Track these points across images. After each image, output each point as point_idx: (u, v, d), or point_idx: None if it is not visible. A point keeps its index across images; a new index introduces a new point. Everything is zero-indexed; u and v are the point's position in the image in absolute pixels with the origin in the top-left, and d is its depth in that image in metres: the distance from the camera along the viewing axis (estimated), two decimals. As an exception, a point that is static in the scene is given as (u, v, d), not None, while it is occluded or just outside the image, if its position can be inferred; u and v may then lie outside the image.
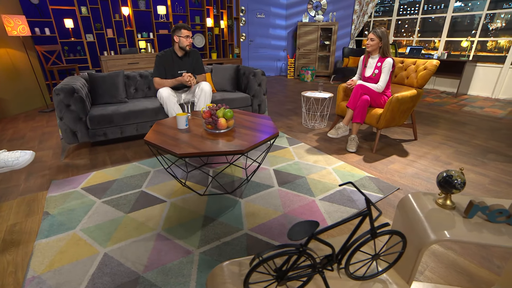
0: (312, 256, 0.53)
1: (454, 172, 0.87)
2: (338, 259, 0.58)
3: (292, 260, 0.55)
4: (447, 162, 2.37)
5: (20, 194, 1.95)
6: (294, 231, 0.51)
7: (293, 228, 0.52)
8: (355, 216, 0.57)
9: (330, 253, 0.59)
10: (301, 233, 0.51)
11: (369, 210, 0.57)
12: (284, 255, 0.50)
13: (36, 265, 1.32)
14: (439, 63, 2.51)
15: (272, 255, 0.49)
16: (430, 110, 4.07)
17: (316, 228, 0.54)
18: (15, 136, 3.09)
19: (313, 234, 0.53)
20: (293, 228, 0.52)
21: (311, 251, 0.53)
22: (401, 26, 6.41)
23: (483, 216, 0.86)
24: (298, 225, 0.53)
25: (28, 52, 4.06)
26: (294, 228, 0.52)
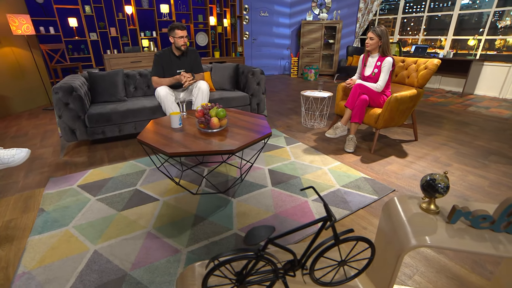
0: (272, 261, 0.53)
1: (438, 176, 0.85)
2: (301, 264, 0.57)
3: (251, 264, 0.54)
4: (446, 164, 2.32)
5: (18, 190, 1.98)
6: (250, 235, 0.51)
7: (250, 232, 0.52)
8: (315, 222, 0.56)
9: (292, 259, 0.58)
10: (256, 238, 0.50)
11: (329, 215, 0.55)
12: (241, 259, 0.49)
13: (27, 261, 1.35)
14: (440, 62, 2.46)
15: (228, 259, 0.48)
16: (434, 110, 3.99)
17: (271, 233, 0.53)
18: (18, 133, 3.15)
19: (270, 239, 0.52)
20: (249, 233, 0.52)
21: (271, 256, 0.52)
22: (406, 24, 6.29)
23: (467, 221, 0.84)
24: (255, 229, 0.53)
25: (33, 51, 4.13)
26: (251, 232, 0.51)
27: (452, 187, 1.96)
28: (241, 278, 0.53)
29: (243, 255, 0.50)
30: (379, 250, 0.99)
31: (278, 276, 0.55)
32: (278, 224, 1.57)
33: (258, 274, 0.55)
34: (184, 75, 2.57)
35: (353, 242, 0.74)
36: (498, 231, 0.79)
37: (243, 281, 0.53)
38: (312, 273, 0.60)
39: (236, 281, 0.53)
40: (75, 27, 4.65)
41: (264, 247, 0.52)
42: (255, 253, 0.51)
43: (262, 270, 0.57)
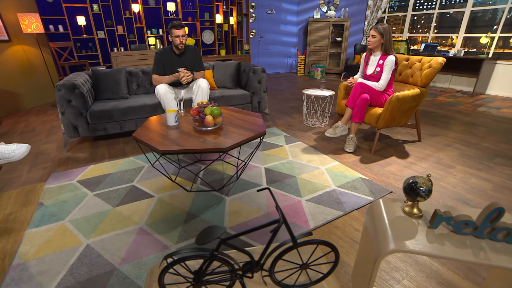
0: (228, 261, 0.52)
1: (420, 178, 0.83)
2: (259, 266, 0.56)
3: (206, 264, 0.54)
4: (449, 166, 2.26)
5: (21, 184, 2.05)
6: (202, 235, 0.50)
7: (202, 232, 0.51)
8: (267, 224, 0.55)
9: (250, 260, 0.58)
10: (207, 238, 0.50)
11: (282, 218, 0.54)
12: (195, 258, 0.49)
13: (23, 253, 1.39)
14: (445, 60, 2.39)
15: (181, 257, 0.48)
16: (441, 110, 3.89)
17: (221, 234, 0.52)
18: (26, 129, 3.24)
19: (222, 239, 0.52)
20: (201, 232, 0.51)
21: (226, 257, 0.52)
22: (416, 21, 6.13)
23: (449, 227, 0.81)
24: (208, 229, 0.52)
25: (42, 49, 4.24)
26: (203, 232, 0.51)
27: (453, 190, 1.90)
28: (198, 277, 0.53)
29: (196, 254, 0.50)
30: (363, 253, 0.98)
31: (236, 277, 0.54)
32: (269, 224, 1.56)
33: (215, 274, 0.54)
34: (183, 72, 2.58)
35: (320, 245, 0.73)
36: (481, 238, 0.76)
37: (200, 280, 0.53)
38: (273, 274, 0.59)
39: (193, 280, 0.53)
40: (83, 25, 4.74)
41: (217, 247, 0.51)
42: (209, 253, 0.51)
43: (220, 270, 0.57)
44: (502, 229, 0.73)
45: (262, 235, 1.46)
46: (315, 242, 0.56)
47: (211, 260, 0.51)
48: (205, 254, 0.51)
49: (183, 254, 0.49)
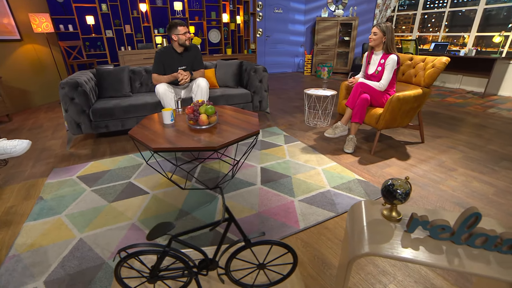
0: (181, 258, 0.53)
1: (398, 181, 0.81)
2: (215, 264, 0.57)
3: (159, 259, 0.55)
4: (451, 168, 2.19)
5: (24, 179, 2.12)
6: (153, 231, 0.51)
7: (153, 228, 0.52)
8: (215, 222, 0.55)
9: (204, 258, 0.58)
10: (156, 233, 0.50)
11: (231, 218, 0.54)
12: (147, 253, 0.50)
13: (19, 244, 1.44)
14: (449, 60, 2.32)
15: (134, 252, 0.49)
16: (449, 111, 3.78)
17: (170, 230, 0.53)
18: (34, 125, 3.35)
19: (173, 236, 0.52)
20: (153, 228, 0.52)
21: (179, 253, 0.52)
22: (427, 20, 5.98)
23: (426, 231, 0.79)
24: (158, 225, 0.53)
25: (52, 48, 4.36)
26: (154, 228, 0.52)
27: (452, 194, 1.85)
28: (153, 272, 0.54)
29: (149, 249, 0.51)
30: (343, 255, 0.96)
31: (191, 273, 0.55)
32: (259, 223, 1.56)
33: (171, 270, 0.55)
34: (181, 73, 2.61)
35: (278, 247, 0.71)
36: (458, 244, 0.74)
37: (155, 275, 0.54)
38: (229, 273, 0.59)
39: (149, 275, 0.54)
40: (92, 24, 4.85)
41: (168, 243, 0.52)
42: (162, 248, 0.51)
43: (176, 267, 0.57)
44: (480, 235, 0.71)
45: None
46: (269, 243, 0.56)
47: (163, 256, 0.52)
48: (157, 249, 0.51)
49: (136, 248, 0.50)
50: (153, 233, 0.51)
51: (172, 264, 0.57)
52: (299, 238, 1.46)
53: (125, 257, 0.52)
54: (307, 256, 1.34)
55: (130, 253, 0.51)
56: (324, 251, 1.36)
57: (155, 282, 0.56)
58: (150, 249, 0.51)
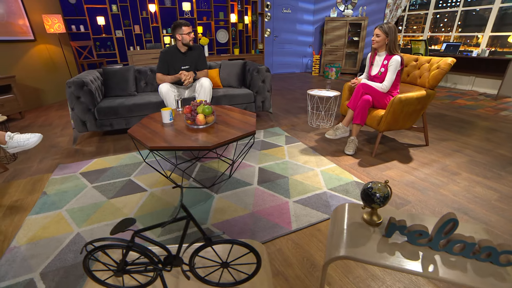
0: (145, 253, 0.54)
1: (377, 185, 0.80)
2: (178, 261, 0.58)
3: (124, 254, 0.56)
4: (454, 172, 2.14)
5: (31, 174, 2.20)
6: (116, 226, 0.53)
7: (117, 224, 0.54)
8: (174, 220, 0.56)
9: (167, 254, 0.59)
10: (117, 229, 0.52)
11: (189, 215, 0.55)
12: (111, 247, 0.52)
13: (20, 237, 1.50)
14: (454, 61, 2.26)
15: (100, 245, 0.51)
16: (457, 113, 3.67)
17: (130, 226, 0.54)
18: (45, 123, 3.47)
19: (136, 231, 0.54)
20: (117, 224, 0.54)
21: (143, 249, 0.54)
22: (439, 20, 5.82)
23: (404, 236, 0.78)
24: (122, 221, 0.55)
25: (64, 47, 4.50)
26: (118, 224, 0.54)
27: (453, 198, 1.80)
28: (119, 266, 0.56)
29: (113, 243, 0.53)
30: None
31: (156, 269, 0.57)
32: (252, 223, 1.57)
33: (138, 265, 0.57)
34: (184, 74, 2.64)
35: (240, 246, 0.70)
36: (436, 250, 0.73)
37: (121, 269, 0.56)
38: (194, 270, 0.60)
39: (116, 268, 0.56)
40: (103, 25, 4.98)
41: (131, 238, 0.54)
42: (125, 244, 0.53)
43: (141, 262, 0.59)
44: (458, 242, 0.69)
45: (244, 232, 1.47)
46: (230, 242, 0.56)
47: (127, 251, 0.54)
48: (121, 244, 0.53)
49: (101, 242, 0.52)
50: (115, 229, 0.53)
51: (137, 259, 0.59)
52: (290, 239, 1.46)
53: (91, 250, 0.55)
54: (296, 258, 1.33)
55: (96, 246, 0.54)
56: (314, 253, 1.36)
57: (121, 275, 0.58)
58: (114, 243, 0.53)
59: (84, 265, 0.55)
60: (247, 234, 1.48)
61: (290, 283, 1.20)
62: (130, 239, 0.54)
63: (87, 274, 0.56)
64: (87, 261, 0.56)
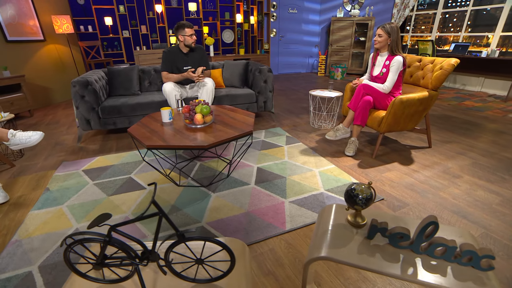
0: (122, 247, 0.56)
1: (360, 186, 0.80)
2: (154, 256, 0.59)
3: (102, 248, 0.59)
4: (456, 175, 2.10)
5: (36, 170, 2.26)
6: (93, 220, 0.55)
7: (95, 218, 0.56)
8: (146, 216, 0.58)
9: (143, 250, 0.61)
10: (93, 223, 0.54)
11: (161, 212, 0.56)
12: (90, 241, 0.55)
13: (22, 231, 1.55)
14: (458, 62, 2.21)
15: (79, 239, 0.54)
16: (464, 115, 3.60)
17: (105, 220, 0.56)
18: (52, 121, 3.56)
19: (112, 226, 0.56)
20: (95, 219, 0.56)
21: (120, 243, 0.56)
22: (448, 20, 5.71)
23: (386, 238, 0.77)
24: (99, 216, 0.57)
25: (72, 47, 4.61)
26: (95, 218, 0.56)
27: (452, 202, 1.77)
28: (98, 259, 0.58)
29: (91, 237, 0.55)
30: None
31: (133, 263, 0.58)
32: (246, 222, 1.58)
33: (116, 259, 0.59)
34: (191, 74, 2.67)
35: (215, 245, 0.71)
36: (418, 253, 0.72)
37: (99, 262, 0.58)
38: (169, 265, 0.62)
39: (95, 262, 0.58)
40: (110, 25, 5.07)
41: (108, 233, 0.56)
42: (102, 238, 0.55)
43: (120, 256, 0.61)
44: (439, 245, 0.69)
45: (235, 231, 1.49)
46: (202, 239, 0.57)
47: (105, 244, 0.56)
48: (98, 238, 0.55)
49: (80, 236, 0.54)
50: (92, 223, 0.55)
51: (114, 253, 0.61)
52: (283, 239, 1.46)
53: (71, 243, 0.57)
54: (288, 258, 1.34)
55: (75, 240, 0.56)
56: (306, 254, 1.36)
57: (100, 268, 0.60)
58: (92, 237, 0.55)
59: (64, 257, 0.57)
60: (241, 233, 1.49)
61: (280, 283, 1.20)
62: (106, 233, 0.56)
63: (68, 266, 0.59)
64: (67, 253, 0.58)
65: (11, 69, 3.74)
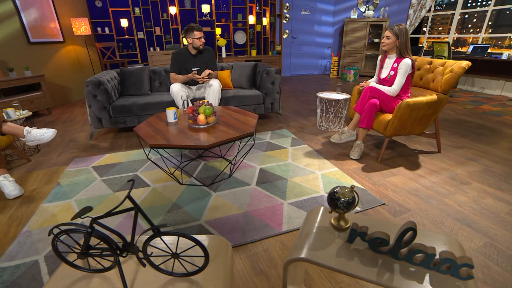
0: (103, 239, 0.60)
1: (343, 189, 0.80)
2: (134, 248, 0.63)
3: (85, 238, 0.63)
4: (464, 182, 2.03)
5: (49, 166, 2.38)
6: (77, 213, 0.59)
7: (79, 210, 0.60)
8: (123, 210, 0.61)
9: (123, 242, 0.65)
10: (76, 215, 0.58)
11: (136, 207, 0.59)
12: (74, 232, 0.59)
13: (32, 222, 1.64)
14: (469, 64, 2.14)
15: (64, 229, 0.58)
16: (480, 119, 3.46)
17: (86, 213, 0.60)
18: (68, 119, 3.72)
19: (93, 218, 0.60)
20: (79, 211, 0.60)
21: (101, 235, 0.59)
22: (468, 20, 5.50)
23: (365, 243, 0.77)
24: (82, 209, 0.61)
25: (89, 48, 4.80)
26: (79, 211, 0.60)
27: (457, 209, 1.72)
28: (82, 249, 0.63)
29: (74, 228, 0.59)
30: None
31: (114, 254, 0.62)
32: (243, 222, 1.60)
33: (99, 250, 0.63)
34: (196, 76, 2.73)
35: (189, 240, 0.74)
36: (397, 259, 0.72)
37: (83, 252, 0.63)
38: (148, 258, 0.65)
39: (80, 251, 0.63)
40: (126, 27, 5.24)
41: (90, 224, 0.60)
42: (85, 229, 0.59)
43: (102, 247, 0.65)
44: (418, 252, 0.68)
45: (235, 231, 1.51)
46: (176, 234, 0.60)
47: (88, 235, 0.60)
48: (81, 229, 0.59)
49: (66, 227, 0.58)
50: (75, 215, 0.59)
51: (97, 244, 0.65)
52: (278, 240, 1.47)
53: (58, 233, 0.61)
54: (281, 259, 1.35)
55: (62, 230, 0.60)
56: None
57: (84, 258, 0.65)
58: (76, 228, 0.59)
59: (52, 246, 0.62)
60: (237, 233, 1.51)
61: (271, 283, 1.21)
62: (89, 225, 0.60)
63: (56, 254, 0.63)
64: (55, 242, 0.63)
65: (32, 69, 3.94)
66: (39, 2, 4.06)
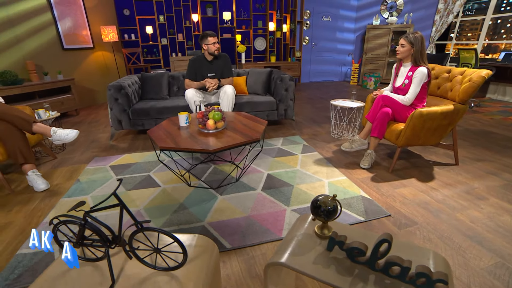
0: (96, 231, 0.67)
1: (325, 198, 0.81)
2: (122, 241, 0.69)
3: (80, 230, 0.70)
4: (480, 197, 1.92)
5: (72, 163, 2.57)
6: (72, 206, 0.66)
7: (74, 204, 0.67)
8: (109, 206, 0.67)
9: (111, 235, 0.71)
10: (71, 208, 0.65)
11: (121, 203, 0.64)
12: (70, 223, 0.66)
13: (52, 214, 1.78)
14: (489, 73, 2.05)
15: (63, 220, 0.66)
16: (507, 131, 3.25)
17: (81, 206, 0.67)
18: (93, 120, 3.98)
19: (86, 211, 0.67)
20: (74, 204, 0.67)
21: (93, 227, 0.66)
22: (500, 26, 5.20)
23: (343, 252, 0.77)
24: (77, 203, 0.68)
25: (116, 54, 5.11)
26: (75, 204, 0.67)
27: (469, 225, 1.64)
28: (77, 239, 0.70)
29: (71, 219, 0.66)
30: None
31: (104, 245, 0.69)
32: (245, 225, 1.63)
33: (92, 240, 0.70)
34: (209, 82, 2.83)
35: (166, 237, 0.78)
36: (373, 270, 0.72)
37: (78, 242, 0.70)
38: (133, 250, 0.70)
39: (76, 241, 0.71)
40: (150, 33, 5.53)
41: (83, 216, 0.67)
42: (79, 221, 0.67)
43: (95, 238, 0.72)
44: (394, 264, 0.68)
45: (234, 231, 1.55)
46: (156, 230, 0.65)
47: (82, 227, 0.67)
48: (76, 221, 0.67)
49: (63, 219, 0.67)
50: (72, 208, 0.67)
51: (90, 235, 0.73)
52: (277, 245, 1.49)
53: (57, 224, 0.69)
54: (277, 264, 1.36)
55: (60, 220, 0.68)
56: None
57: (78, 247, 0.73)
58: (72, 219, 0.67)
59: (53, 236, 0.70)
60: (238, 236, 1.55)
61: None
62: (82, 217, 0.68)
63: (56, 242, 0.71)
64: (55, 231, 0.71)
65: (64, 73, 4.27)
66: (74, 12, 4.41)
